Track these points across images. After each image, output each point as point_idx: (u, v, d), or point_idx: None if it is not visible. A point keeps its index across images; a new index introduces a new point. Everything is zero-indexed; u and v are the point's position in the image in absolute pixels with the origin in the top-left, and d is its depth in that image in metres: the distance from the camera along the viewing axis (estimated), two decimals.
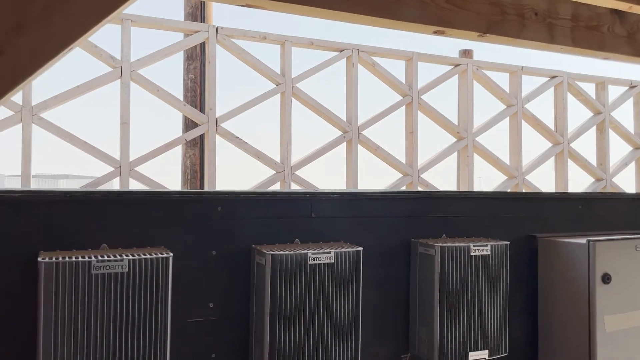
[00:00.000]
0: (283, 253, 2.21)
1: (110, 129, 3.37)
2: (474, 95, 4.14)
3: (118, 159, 3.39)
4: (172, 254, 2.06)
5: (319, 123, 3.85)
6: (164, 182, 3.45)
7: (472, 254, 2.48)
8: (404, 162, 4.05)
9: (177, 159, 4.29)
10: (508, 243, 2.58)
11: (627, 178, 4.42)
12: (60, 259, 1.93)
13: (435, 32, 2.08)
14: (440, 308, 2.45)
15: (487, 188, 4.25)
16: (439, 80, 4.09)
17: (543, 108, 4.36)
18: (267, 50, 3.84)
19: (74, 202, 2.12)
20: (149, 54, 3.46)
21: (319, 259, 2.25)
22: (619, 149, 4.49)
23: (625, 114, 4.53)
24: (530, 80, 4.28)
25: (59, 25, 1.32)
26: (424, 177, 4.02)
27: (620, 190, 4.43)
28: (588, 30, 2.43)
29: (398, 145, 4.03)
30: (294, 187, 3.69)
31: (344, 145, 3.93)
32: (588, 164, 4.38)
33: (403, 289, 2.63)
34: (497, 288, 2.54)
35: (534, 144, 4.34)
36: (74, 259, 1.95)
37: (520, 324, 2.86)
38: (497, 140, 4.33)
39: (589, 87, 4.44)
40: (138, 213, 2.20)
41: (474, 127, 4.16)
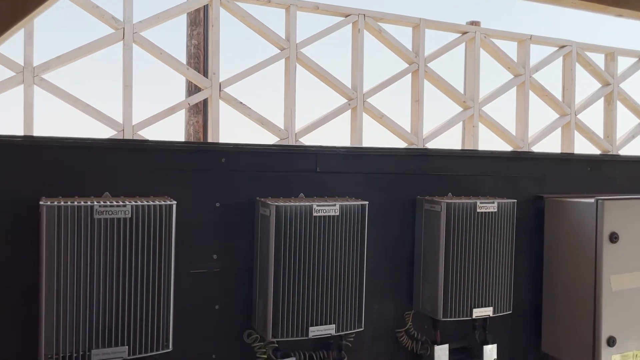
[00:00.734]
0: (288, 204, 2.18)
1: (113, 92, 3.33)
2: (481, 64, 4.08)
3: (121, 122, 3.35)
4: (175, 202, 2.04)
5: (324, 90, 3.81)
6: None
7: (478, 211, 2.45)
8: (409, 131, 4.00)
9: (180, 127, 4.26)
10: (515, 201, 2.55)
11: (634, 151, 4.37)
12: (62, 203, 1.91)
13: None
14: (445, 265, 2.43)
15: None
16: (446, 48, 4.03)
17: (551, 78, 4.30)
18: (271, 15, 3.78)
19: (76, 148, 2.09)
20: (152, 16, 3.41)
21: (324, 211, 2.23)
22: (627, 121, 4.44)
23: (634, 86, 4.46)
24: (539, 50, 4.21)
25: None
26: (429, 146, 3.98)
27: None
28: None
29: (403, 114, 3.98)
30: None
31: (349, 113, 3.88)
32: (595, 136, 4.33)
33: (408, 246, 2.61)
34: (502, 246, 2.52)
35: (541, 115, 4.29)
36: (76, 203, 1.93)
37: (525, 284, 2.85)
38: (503, 111, 4.28)
39: (598, 58, 4.37)
40: (141, 162, 2.17)
41: (480, 96, 4.10)
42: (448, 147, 4.30)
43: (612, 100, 4.38)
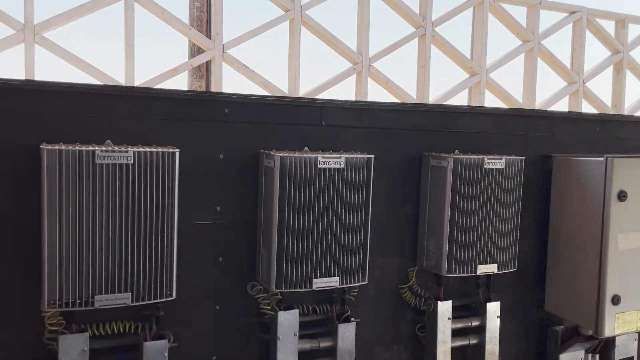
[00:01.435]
0: (292, 155, 2.15)
1: (115, 53, 3.28)
2: (489, 30, 4.00)
3: (123, 83, 3.31)
4: (178, 150, 2.01)
5: (329, 53, 3.74)
6: None
7: (486, 167, 2.42)
8: (415, 97, 3.94)
9: None
10: (523, 158, 2.51)
11: None
12: (64, 147, 1.88)
13: None
14: (451, 221, 2.40)
15: None
16: (454, 12, 3.95)
17: (560, 45, 4.22)
18: None
19: (77, 94, 2.05)
20: None
21: (329, 164, 2.19)
22: (636, 90, 4.37)
23: None
24: (549, 16, 4.12)
25: None
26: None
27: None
28: None
29: (409, 80, 3.92)
30: None
31: (354, 78, 3.82)
32: (603, 105, 4.26)
33: (413, 203, 2.58)
34: (509, 203, 2.49)
35: (549, 83, 4.22)
36: (78, 148, 1.90)
37: (530, 242, 2.83)
38: (510, 78, 4.21)
39: (609, 25, 4.29)
40: (143, 110, 2.14)
41: (488, 62, 4.03)
42: None
43: (621, 69, 4.30)
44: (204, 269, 2.25)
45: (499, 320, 2.64)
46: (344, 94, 3.86)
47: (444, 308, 2.54)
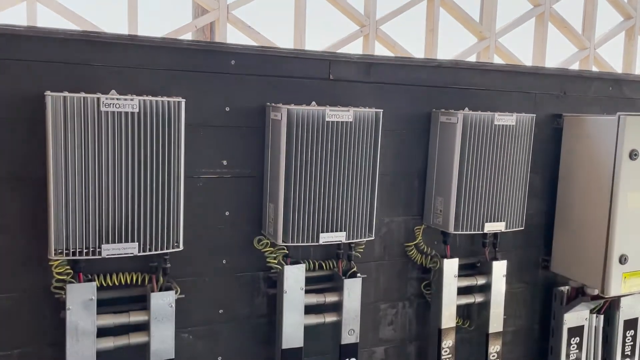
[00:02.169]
0: (300, 108, 2.12)
1: (118, 13, 3.21)
2: None
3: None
4: (184, 99, 1.98)
5: (335, 15, 3.66)
6: None
7: (496, 124, 2.38)
8: None
9: None
10: (534, 115, 2.47)
11: None
12: (68, 94, 1.85)
13: None
14: (459, 178, 2.38)
15: None
16: None
17: (571, 10, 4.13)
18: None
19: (81, 42, 2.01)
20: None
21: (337, 117, 2.16)
22: None
23: None
24: None
25: None
26: None
27: None
28: None
29: (417, 44, 3.84)
30: None
31: (361, 40, 3.75)
32: (613, 72, 4.20)
33: (421, 160, 2.56)
34: (518, 161, 2.46)
35: (559, 48, 4.14)
36: (82, 95, 1.86)
37: (538, 201, 2.81)
38: (520, 42, 4.13)
39: None
40: (148, 60, 2.09)
41: (497, 27, 3.94)
42: None
43: (633, 35, 4.21)
44: (211, 223, 2.24)
45: (505, 279, 2.64)
46: None
47: (450, 266, 2.54)
